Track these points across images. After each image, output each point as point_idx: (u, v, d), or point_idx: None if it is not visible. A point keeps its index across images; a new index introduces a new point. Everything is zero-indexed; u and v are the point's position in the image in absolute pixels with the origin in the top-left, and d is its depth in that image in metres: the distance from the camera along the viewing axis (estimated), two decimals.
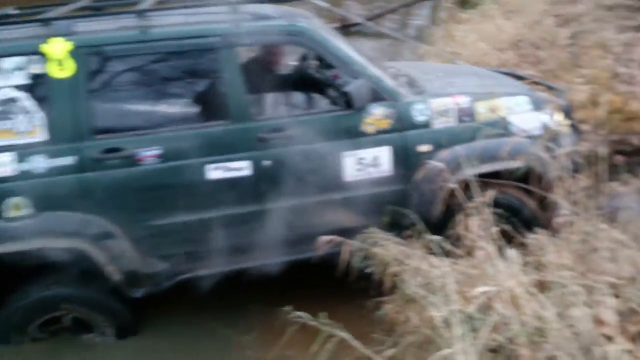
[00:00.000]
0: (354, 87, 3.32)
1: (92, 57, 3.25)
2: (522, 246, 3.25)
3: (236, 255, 3.52)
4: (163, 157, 3.30)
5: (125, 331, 3.55)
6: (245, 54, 3.91)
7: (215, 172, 3.36)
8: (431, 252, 3.03)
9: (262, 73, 3.97)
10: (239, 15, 3.45)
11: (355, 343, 2.35)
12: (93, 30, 3.38)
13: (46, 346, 3.46)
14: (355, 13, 11.80)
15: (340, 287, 3.27)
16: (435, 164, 3.19)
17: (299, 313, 2.40)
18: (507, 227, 3.38)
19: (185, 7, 3.61)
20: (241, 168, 3.39)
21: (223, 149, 3.37)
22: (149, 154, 3.30)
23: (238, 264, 3.53)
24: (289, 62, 4.39)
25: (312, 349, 2.44)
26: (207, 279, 3.49)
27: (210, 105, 3.52)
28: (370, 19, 10.76)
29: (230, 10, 3.47)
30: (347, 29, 9.87)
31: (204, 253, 3.47)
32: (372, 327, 3.03)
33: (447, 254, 3.07)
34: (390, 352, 2.80)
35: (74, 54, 3.20)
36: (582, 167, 3.31)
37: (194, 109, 3.57)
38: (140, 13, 3.36)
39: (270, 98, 3.99)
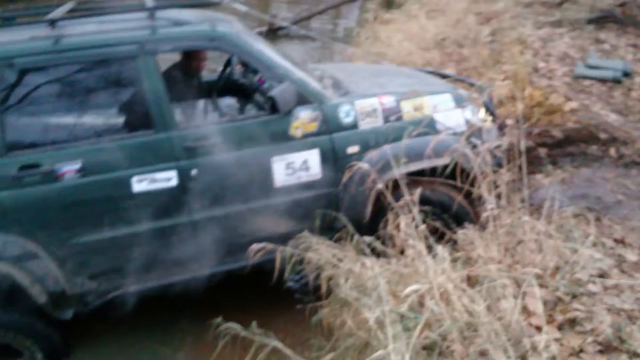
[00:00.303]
0: (278, 91, 3.29)
1: (1, 70, 3.08)
2: (453, 242, 3.31)
3: (167, 268, 3.44)
4: (84, 172, 3.16)
5: (55, 355, 3.38)
6: (166, 61, 3.82)
7: (140, 184, 3.24)
8: (364, 254, 3.03)
9: (185, 80, 3.89)
10: (157, 22, 3.36)
11: (288, 351, 2.30)
12: (1, 42, 3.20)
13: None
14: (283, 16, 11.82)
15: (275, 295, 3.23)
16: (361, 165, 3.18)
17: (229, 324, 2.33)
18: (439, 224, 3.47)
19: (100, 14, 3.47)
20: (168, 179, 3.28)
21: (148, 160, 3.26)
22: (70, 168, 3.15)
23: (170, 277, 3.44)
24: (215, 67, 4.32)
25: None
26: (138, 295, 3.38)
27: (132, 115, 3.40)
28: (296, 21, 10.79)
29: (147, 17, 3.37)
30: (275, 32, 9.87)
31: (134, 268, 3.35)
32: (310, 333, 3.01)
33: (380, 254, 3.08)
34: (328, 357, 2.79)
35: None
36: (505, 161, 3.40)
37: (115, 120, 3.43)
38: (52, 22, 3.22)
39: (195, 105, 3.91)
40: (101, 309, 3.37)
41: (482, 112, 3.98)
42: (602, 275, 2.95)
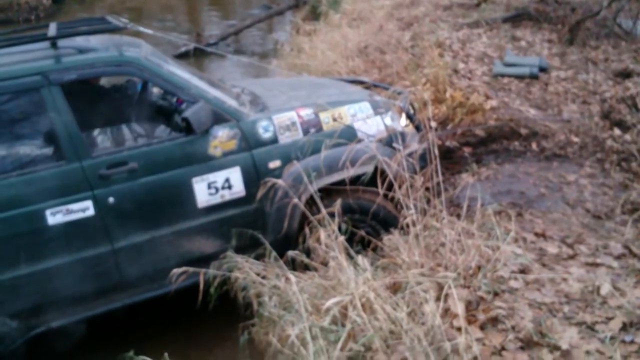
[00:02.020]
0: (191, 111, 3.24)
1: None
2: (380, 249, 3.33)
3: (91, 300, 3.35)
4: None
5: None
6: (75, 89, 3.70)
7: (55, 217, 3.14)
8: (289, 269, 3.01)
9: (96, 107, 3.78)
10: (60, 50, 3.26)
11: None
12: None
13: None
14: (213, 33, 11.76)
15: (200, 319, 3.16)
16: (278, 181, 3.16)
17: (141, 357, 2.26)
18: (365, 232, 3.48)
19: (1, 47, 3.34)
20: (84, 209, 3.19)
21: (61, 192, 3.16)
22: None
23: (94, 309, 3.35)
24: (129, 91, 4.22)
25: None
26: (62, 331, 3.27)
27: (42, 147, 3.29)
28: (223, 38, 10.75)
29: (50, 46, 3.28)
30: (202, 51, 9.80)
31: (56, 303, 3.26)
32: (241, 353, 2.95)
33: (306, 268, 3.06)
34: None
35: None
36: (428, 163, 3.44)
37: (25, 153, 3.30)
38: None
39: (108, 132, 3.81)
40: (24, 348, 3.23)
41: (403, 118, 4.03)
42: (524, 270, 3.00)
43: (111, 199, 3.22)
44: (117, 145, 3.71)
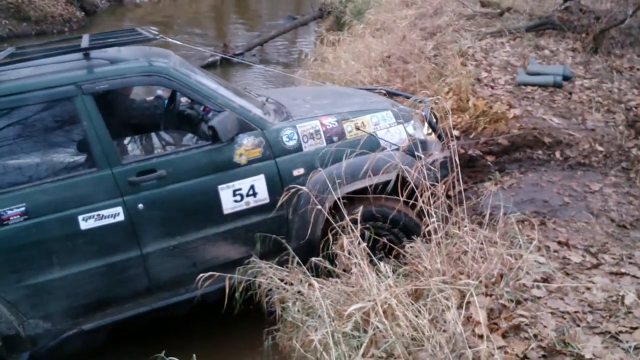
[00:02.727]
0: (218, 120, 3.32)
1: None
2: (403, 256, 3.36)
3: (120, 304, 3.43)
4: (29, 214, 3.14)
5: None
6: (108, 99, 3.82)
7: (87, 222, 3.23)
8: (313, 275, 3.06)
9: (127, 116, 3.89)
10: (93, 61, 3.37)
11: None
12: None
13: None
14: (240, 44, 11.92)
15: (226, 324, 3.22)
16: (303, 188, 3.22)
17: (171, 358, 2.32)
18: (388, 239, 3.52)
19: (37, 58, 3.46)
20: (114, 215, 3.28)
21: (93, 198, 3.25)
22: (15, 212, 3.13)
23: (123, 313, 3.43)
24: (159, 100, 4.33)
25: None
26: (93, 334, 3.36)
27: (75, 155, 3.39)
28: (249, 49, 10.89)
29: (83, 57, 3.39)
30: (229, 61, 9.96)
31: (87, 307, 3.35)
32: (265, 357, 3.01)
33: (329, 274, 3.11)
34: None
35: None
36: (450, 172, 3.47)
37: (59, 161, 3.41)
38: None
39: (139, 140, 3.90)
40: (56, 349, 3.33)
41: (425, 126, 4.06)
42: (547, 279, 3.01)
43: (141, 206, 3.30)
44: (146, 154, 3.80)
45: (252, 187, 3.49)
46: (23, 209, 3.14)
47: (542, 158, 5.05)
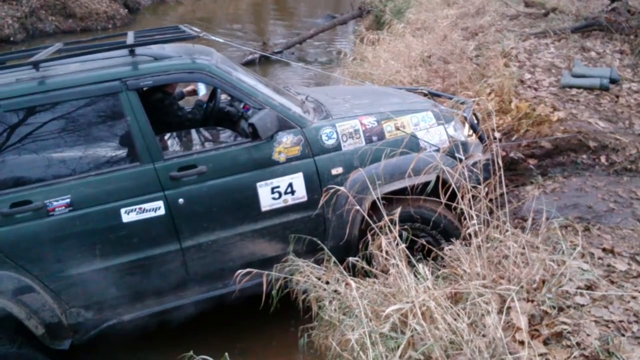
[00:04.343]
0: (258, 118, 3.34)
1: None
2: (441, 258, 3.32)
3: (159, 296, 3.49)
4: (74, 206, 3.22)
5: None
6: (150, 94, 3.87)
7: (129, 215, 3.30)
8: (350, 274, 3.04)
9: (169, 112, 3.94)
10: (137, 58, 3.43)
11: None
12: None
13: None
14: (278, 42, 11.97)
15: (258, 322, 3.23)
16: (341, 188, 3.20)
17: (201, 357, 2.33)
18: (426, 241, 3.48)
19: (83, 54, 3.54)
20: (155, 208, 3.34)
21: (135, 191, 3.32)
22: (60, 203, 3.21)
23: (162, 304, 3.49)
24: (200, 97, 4.38)
25: None
26: (132, 324, 3.42)
27: (118, 149, 3.46)
28: (288, 47, 10.93)
29: (128, 54, 3.46)
30: (268, 58, 10.02)
31: (127, 297, 3.42)
32: (300, 355, 3.01)
33: (364, 274, 3.09)
34: None
35: None
36: (491, 174, 3.41)
37: (102, 154, 3.48)
38: (36, 64, 3.31)
39: (179, 135, 3.95)
40: (97, 338, 3.40)
41: (466, 128, 4.01)
42: (590, 286, 2.93)
43: (181, 200, 3.35)
44: (186, 149, 3.85)
45: (290, 185, 3.50)
46: (68, 200, 3.22)
47: (586, 162, 4.92)
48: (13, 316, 3.18)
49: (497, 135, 5.07)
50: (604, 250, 3.45)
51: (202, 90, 4.55)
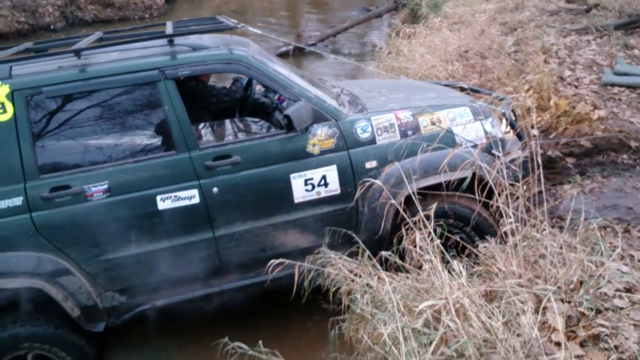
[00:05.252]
0: (293, 109, 3.33)
1: (30, 98, 3.22)
2: (475, 256, 3.27)
3: (191, 283, 3.52)
4: (112, 192, 3.27)
5: None
6: (187, 84, 3.90)
7: (164, 202, 3.34)
8: (382, 268, 3.02)
9: (205, 102, 3.96)
10: (176, 48, 3.46)
11: None
12: (30, 72, 3.34)
13: None
14: (312, 34, 11.96)
15: (287, 313, 3.23)
16: (376, 181, 3.18)
17: (236, 343, 2.34)
18: (460, 237, 3.44)
19: (123, 43, 3.58)
20: (190, 197, 3.37)
21: (171, 179, 3.35)
22: (98, 189, 3.27)
23: (194, 292, 3.52)
24: (235, 88, 4.39)
25: None
26: (165, 310, 3.46)
27: (155, 137, 3.50)
28: (321, 39, 10.90)
29: (167, 43, 3.48)
30: (302, 50, 10.02)
31: (160, 283, 3.46)
32: (323, 349, 3.01)
33: (396, 269, 3.06)
34: None
35: (12, 96, 3.18)
36: (529, 172, 3.34)
37: (139, 142, 3.52)
38: (77, 52, 3.36)
39: (215, 126, 3.98)
40: (130, 322, 3.46)
41: (503, 124, 3.94)
42: (630, 289, 2.85)
43: (215, 189, 3.37)
44: (221, 139, 3.87)
45: (324, 177, 3.49)
46: (106, 186, 3.27)
47: (627, 162, 4.80)
48: (51, 298, 3.25)
49: (536, 132, 4.98)
50: None
51: None
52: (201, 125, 3.90)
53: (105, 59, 3.43)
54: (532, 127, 3.14)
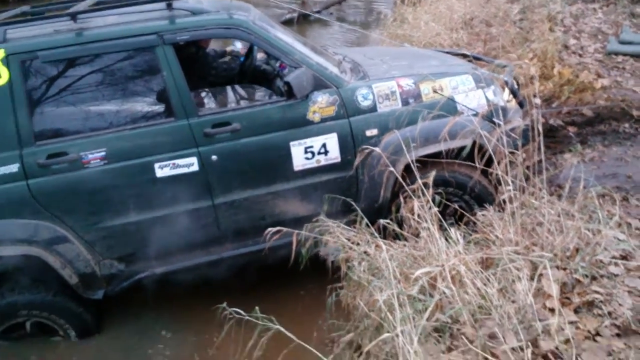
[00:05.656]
0: (294, 76, 3.31)
1: (25, 63, 3.19)
2: (473, 223, 3.29)
3: (191, 250, 3.54)
4: (109, 159, 3.27)
5: (87, 332, 3.59)
6: (186, 49, 3.87)
7: (163, 170, 3.33)
8: (381, 236, 3.04)
9: (204, 68, 3.93)
10: (175, 12, 3.41)
11: (290, 334, 2.31)
12: (26, 36, 3.30)
13: (9, 351, 3.50)
14: (314, 1, 11.80)
15: (284, 281, 3.25)
16: (376, 149, 3.17)
17: (233, 309, 2.38)
18: (459, 205, 3.45)
19: (120, 6, 3.54)
20: (189, 164, 3.36)
21: (169, 147, 3.34)
22: (95, 156, 3.26)
23: (193, 259, 3.54)
24: (234, 54, 4.36)
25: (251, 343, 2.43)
26: (164, 277, 3.50)
27: (153, 104, 3.48)
28: (327, 6, 10.76)
29: (166, 7, 3.44)
30: (306, 17, 9.90)
31: (159, 251, 3.47)
32: (328, 313, 3.05)
33: (395, 237, 3.08)
34: (348, 337, 2.82)
35: (7, 61, 3.15)
36: (529, 140, 3.32)
37: (137, 109, 3.50)
38: (74, 16, 3.32)
39: (214, 92, 3.95)
40: (130, 289, 3.50)
41: (506, 92, 3.91)
42: (626, 257, 2.86)
43: (214, 157, 3.36)
44: (221, 106, 3.85)
45: (324, 145, 3.48)
46: (103, 153, 3.26)
47: (628, 131, 4.79)
48: (48, 265, 3.28)
49: (538, 101, 4.94)
50: None
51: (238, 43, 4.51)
52: (202, 92, 3.88)
53: (102, 23, 3.38)
54: (534, 95, 3.10)
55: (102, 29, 3.32)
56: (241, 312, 2.35)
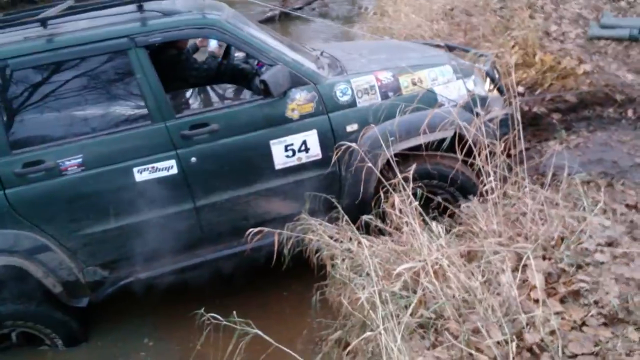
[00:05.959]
0: (269, 74, 3.26)
1: None
2: (458, 216, 3.25)
3: (174, 254, 3.49)
4: (86, 165, 3.21)
5: (74, 340, 3.55)
6: (160, 51, 3.81)
7: (142, 174, 3.28)
8: (365, 233, 3.00)
9: (182, 69, 3.88)
10: (146, 14, 3.36)
11: (268, 337, 2.27)
12: None
13: None
14: None
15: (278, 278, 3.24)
16: (354, 145, 3.12)
17: (211, 314, 2.33)
18: (442, 198, 3.42)
19: (91, 10, 3.47)
20: (168, 167, 3.31)
21: (147, 150, 3.29)
22: (72, 163, 3.20)
23: (177, 263, 3.50)
24: (212, 54, 4.30)
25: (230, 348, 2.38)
26: (148, 282, 3.46)
27: (129, 108, 3.42)
28: (309, 2, 10.72)
29: (137, 9, 3.38)
30: (288, 14, 9.85)
31: (143, 256, 3.43)
32: (313, 312, 3.01)
33: (380, 232, 3.04)
34: (336, 335, 2.79)
35: None
36: (510, 130, 3.29)
37: (113, 113, 3.44)
38: (44, 22, 3.26)
39: (190, 93, 3.90)
40: (114, 296, 3.46)
41: (486, 82, 3.88)
42: (611, 243, 2.83)
43: (193, 159, 3.31)
44: (199, 107, 3.80)
45: (304, 143, 3.44)
46: (80, 160, 3.20)
47: (612, 116, 4.77)
48: (30, 275, 3.23)
49: (520, 89, 4.92)
50: (627, 206, 3.36)
51: (213, 44, 4.45)
52: (178, 94, 3.82)
53: (73, 28, 3.32)
54: (516, 84, 3.07)
55: (72, 34, 3.26)
56: (218, 317, 2.30)
